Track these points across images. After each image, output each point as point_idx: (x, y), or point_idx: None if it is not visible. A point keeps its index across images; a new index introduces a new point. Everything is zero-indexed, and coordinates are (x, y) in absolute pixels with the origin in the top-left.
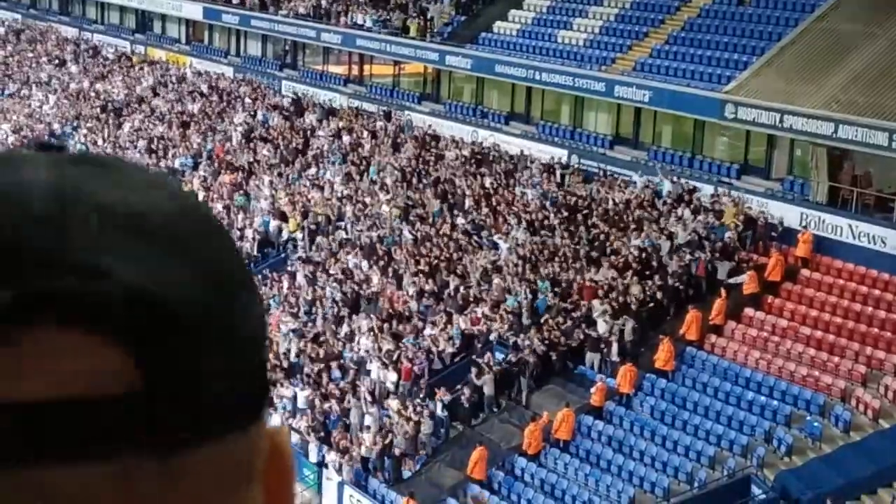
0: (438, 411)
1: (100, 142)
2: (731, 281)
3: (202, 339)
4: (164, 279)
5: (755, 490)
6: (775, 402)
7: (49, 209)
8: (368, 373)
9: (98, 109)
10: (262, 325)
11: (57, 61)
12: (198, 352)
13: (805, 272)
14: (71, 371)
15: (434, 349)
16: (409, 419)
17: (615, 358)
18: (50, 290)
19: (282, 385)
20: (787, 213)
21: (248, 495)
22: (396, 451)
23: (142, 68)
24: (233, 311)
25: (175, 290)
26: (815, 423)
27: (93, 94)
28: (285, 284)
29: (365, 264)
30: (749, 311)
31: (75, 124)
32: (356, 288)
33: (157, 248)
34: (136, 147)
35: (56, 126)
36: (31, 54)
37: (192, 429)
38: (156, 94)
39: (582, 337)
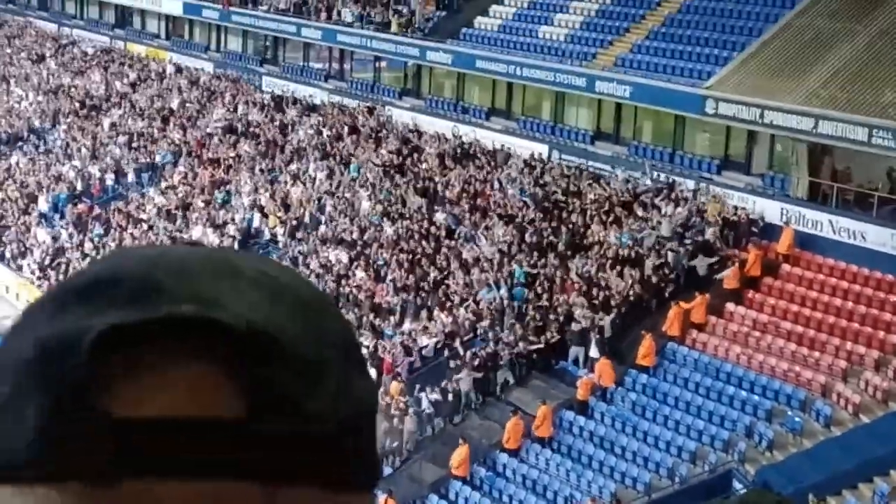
0: (425, 407)
1: (79, 137)
2: (718, 276)
3: (308, 381)
4: (280, 323)
5: (736, 485)
6: (756, 397)
7: (181, 265)
8: None
9: (77, 105)
10: (370, 407)
11: (36, 57)
12: (302, 392)
13: (786, 267)
14: (183, 393)
15: (414, 344)
16: (391, 416)
17: (593, 354)
18: (171, 314)
19: None
20: (768, 209)
21: None
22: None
23: (122, 63)
24: (342, 373)
25: (288, 333)
26: (796, 418)
27: (72, 89)
28: None
29: (345, 257)
30: (730, 306)
31: (55, 120)
32: (337, 283)
33: (280, 302)
34: (116, 143)
35: (36, 122)
36: (9, 50)
37: (290, 463)
38: (135, 90)
39: (559, 331)
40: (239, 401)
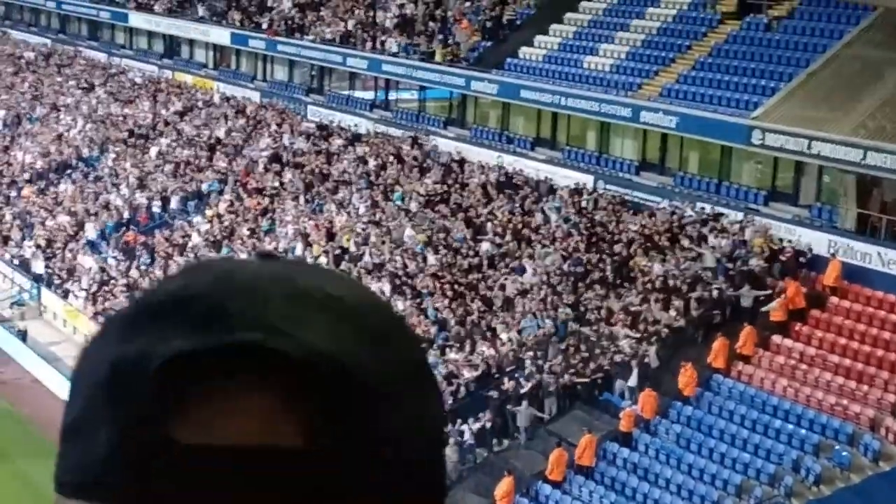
0: (467, 438)
1: (127, 165)
2: (765, 308)
3: (372, 408)
4: (345, 350)
5: None
6: (803, 431)
7: (249, 286)
8: None
9: (126, 134)
10: (439, 425)
11: (85, 86)
12: (366, 419)
13: (833, 300)
14: (246, 420)
15: (457, 375)
16: None
17: (632, 383)
18: (235, 342)
19: None
20: (816, 240)
21: None
22: None
23: (170, 92)
24: (410, 399)
25: (354, 360)
26: (844, 453)
27: (120, 118)
28: None
29: (388, 287)
30: (777, 338)
31: (103, 148)
32: None
33: (346, 327)
34: (163, 171)
35: (84, 150)
36: (59, 78)
37: (353, 489)
38: (182, 119)
39: (608, 363)
40: (302, 428)
